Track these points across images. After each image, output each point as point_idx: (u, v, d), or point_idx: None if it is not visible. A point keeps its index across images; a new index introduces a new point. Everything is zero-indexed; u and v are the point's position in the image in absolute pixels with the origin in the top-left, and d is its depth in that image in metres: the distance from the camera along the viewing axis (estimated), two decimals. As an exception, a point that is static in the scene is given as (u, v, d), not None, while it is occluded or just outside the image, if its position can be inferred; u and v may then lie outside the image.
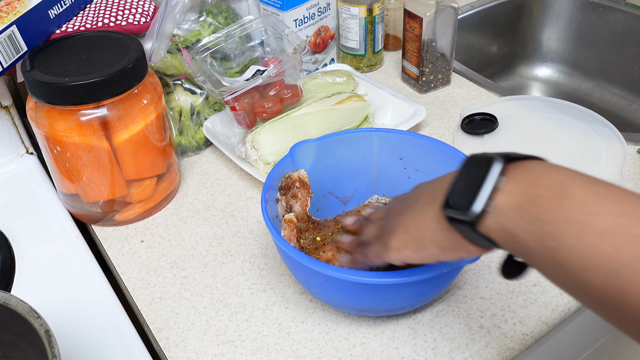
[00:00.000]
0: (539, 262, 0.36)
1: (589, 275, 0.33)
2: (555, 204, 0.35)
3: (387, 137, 0.66)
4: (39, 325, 0.45)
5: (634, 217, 0.32)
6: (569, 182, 0.36)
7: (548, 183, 0.36)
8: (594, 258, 0.32)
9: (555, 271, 0.35)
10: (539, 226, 0.35)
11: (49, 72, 0.64)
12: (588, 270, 0.33)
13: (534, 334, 0.59)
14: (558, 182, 0.36)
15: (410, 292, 0.54)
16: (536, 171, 0.38)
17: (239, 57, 0.83)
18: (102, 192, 0.71)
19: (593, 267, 0.33)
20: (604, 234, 0.32)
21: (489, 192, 0.38)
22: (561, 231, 0.34)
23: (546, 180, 0.36)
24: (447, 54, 0.93)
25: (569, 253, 0.34)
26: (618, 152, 0.79)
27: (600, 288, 0.33)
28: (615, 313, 0.33)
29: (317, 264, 0.51)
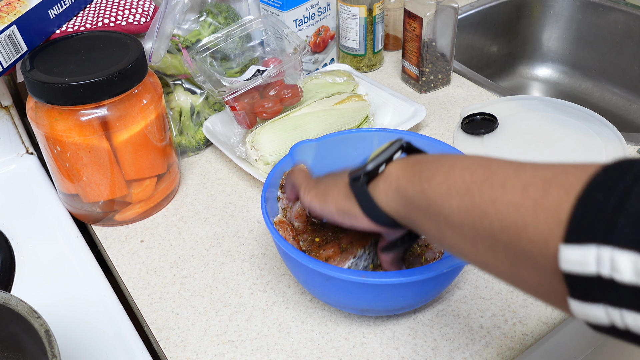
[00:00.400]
0: (415, 209, 0.43)
1: (449, 200, 0.39)
2: (434, 161, 0.44)
3: (387, 137, 0.66)
4: (39, 325, 0.45)
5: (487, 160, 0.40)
6: (444, 156, 0.45)
7: (431, 157, 0.45)
8: (455, 185, 0.39)
9: (427, 212, 0.42)
10: (418, 174, 0.43)
11: (49, 72, 0.64)
12: (449, 196, 0.39)
13: (534, 334, 0.59)
14: (437, 157, 0.45)
15: (411, 292, 0.54)
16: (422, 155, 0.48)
17: (239, 57, 0.83)
18: (102, 192, 0.71)
19: (453, 193, 0.39)
20: (464, 168, 0.40)
21: (384, 158, 0.47)
22: (434, 173, 0.42)
23: (428, 157, 0.46)
24: (447, 54, 0.93)
25: (437, 188, 0.41)
26: (618, 152, 0.79)
27: (456, 209, 0.39)
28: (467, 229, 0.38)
29: (317, 264, 0.51)
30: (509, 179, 0.36)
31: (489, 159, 0.40)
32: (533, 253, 0.33)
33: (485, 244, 0.37)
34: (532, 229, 0.33)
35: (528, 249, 0.33)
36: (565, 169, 0.34)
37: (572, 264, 0.30)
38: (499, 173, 0.37)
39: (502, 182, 0.36)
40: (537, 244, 0.32)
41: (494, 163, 0.39)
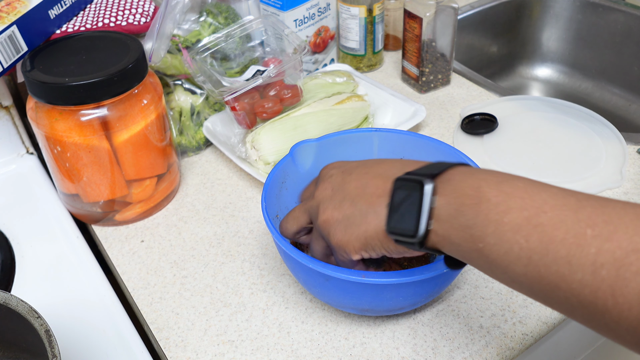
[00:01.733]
0: (476, 262, 0.40)
1: (513, 266, 0.37)
2: (476, 210, 0.39)
3: (387, 137, 0.66)
4: (39, 325, 0.45)
5: (535, 208, 0.37)
6: (483, 186, 0.40)
7: (468, 191, 0.40)
8: (512, 251, 0.37)
9: (490, 268, 0.39)
10: (467, 232, 0.40)
11: (49, 72, 0.64)
12: (510, 262, 0.37)
13: (534, 333, 0.59)
14: (475, 188, 0.40)
15: (411, 292, 0.54)
16: (458, 181, 0.42)
17: (239, 57, 0.84)
18: (102, 192, 0.71)
19: (513, 259, 0.37)
20: (516, 229, 0.37)
21: (427, 214, 0.42)
22: (484, 232, 0.38)
23: (466, 188, 0.41)
24: (447, 54, 0.93)
25: (493, 250, 0.38)
26: (618, 152, 0.79)
27: (523, 276, 0.37)
28: (542, 296, 0.37)
29: (317, 264, 0.51)
30: (572, 252, 0.34)
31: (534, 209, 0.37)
32: (613, 327, 0.33)
33: (560, 306, 0.36)
34: (615, 312, 0.32)
35: (609, 324, 0.33)
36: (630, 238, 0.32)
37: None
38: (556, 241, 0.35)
39: (566, 255, 0.34)
40: (621, 324, 0.32)
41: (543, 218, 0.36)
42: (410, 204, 0.43)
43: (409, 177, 0.44)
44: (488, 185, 0.40)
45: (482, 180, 0.41)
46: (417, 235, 0.42)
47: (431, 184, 0.42)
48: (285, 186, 0.64)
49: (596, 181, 0.75)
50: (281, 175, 0.63)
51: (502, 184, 0.40)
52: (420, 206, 0.42)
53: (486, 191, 0.40)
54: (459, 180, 0.42)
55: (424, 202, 0.42)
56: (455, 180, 0.42)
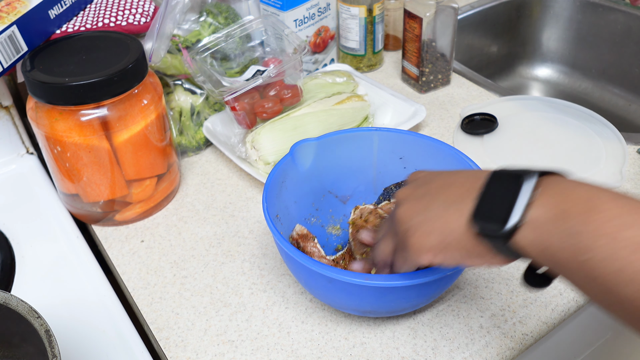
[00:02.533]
0: (572, 275, 0.37)
1: (622, 288, 0.33)
2: (586, 218, 0.35)
3: (387, 137, 0.66)
4: (39, 325, 0.45)
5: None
6: (598, 196, 0.36)
7: (577, 197, 0.37)
8: (627, 271, 0.33)
9: (589, 284, 0.36)
10: (571, 240, 0.36)
11: (49, 72, 0.64)
12: (620, 283, 0.33)
13: (534, 333, 0.59)
14: (587, 196, 0.37)
15: (414, 294, 0.54)
16: (565, 185, 0.38)
17: (239, 57, 0.84)
18: (102, 192, 0.71)
19: (626, 280, 0.33)
20: (635, 247, 0.33)
21: (524, 206, 0.38)
22: (593, 245, 0.34)
23: (575, 194, 0.37)
24: (447, 54, 0.93)
25: (601, 266, 0.34)
26: (618, 152, 0.79)
27: (633, 301, 0.33)
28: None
29: (320, 266, 0.51)
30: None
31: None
32: None
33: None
34: None
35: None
36: None
37: None
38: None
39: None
40: None
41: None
42: (507, 192, 0.39)
43: (508, 170, 0.41)
44: (602, 195, 0.37)
45: (595, 189, 0.37)
46: (506, 227, 0.38)
47: (534, 178, 0.39)
48: (285, 186, 0.64)
49: (596, 181, 0.75)
50: (281, 175, 0.63)
51: (618, 199, 0.36)
52: (517, 195, 0.38)
53: (600, 201, 0.36)
54: (567, 185, 0.38)
55: (522, 191, 0.38)
56: (563, 184, 0.39)
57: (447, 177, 0.46)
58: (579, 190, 0.37)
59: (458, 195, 0.43)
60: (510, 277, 0.64)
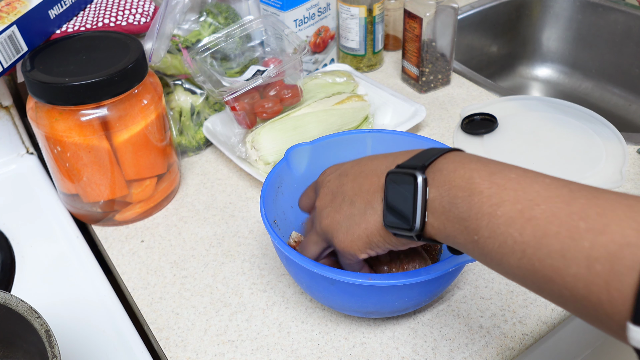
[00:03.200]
0: (472, 253, 0.41)
1: (509, 259, 0.37)
2: (468, 202, 0.39)
3: (381, 138, 0.66)
4: (39, 325, 0.45)
5: (528, 201, 0.36)
6: (475, 177, 0.40)
7: (459, 183, 0.40)
8: (506, 244, 0.37)
9: (485, 260, 0.39)
10: (462, 224, 0.40)
11: (49, 72, 0.64)
12: (507, 255, 0.37)
13: (534, 333, 0.59)
14: (466, 179, 0.40)
15: (416, 292, 0.54)
16: (449, 171, 0.42)
17: (239, 57, 0.84)
18: (102, 192, 0.71)
19: (507, 252, 0.37)
20: (509, 222, 0.37)
21: (422, 206, 0.42)
22: (478, 225, 0.39)
23: (457, 180, 0.41)
24: (447, 54, 0.93)
25: (488, 243, 0.38)
26: (618, 152, 0.79)
27: (521, 269, 0.37)
28: (536, 288, 0.37)
29: (322, 268, 0.51)
30: (566, 245, 0.34)
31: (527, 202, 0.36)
32: (606, 321, 0.33)
33: (554, 299, 0.36)
34: (607, 306, 0.32)
35: (602, 318, 0.33)
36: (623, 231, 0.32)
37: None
38: (550, 234, 0.34)
39: (560, 249, 0.34)
40: (614, 319, 0.32)
41: (537, 210, 0.36)
42: (405, 197, 0.43)
43: (400, 170, 0.45)
44: (480, 176, 0.40)
45: (473, 170, 0.41)
46: (414, 229, 0.43)
47: (422, 176, 0.43)
48: (281, 191, 0.64)
49: (596, 181, 0.75)
50: (277, 180, 0.63)
51: (494, 175, 0.39)
52: (415, 199, 0.42)
53: (478, 183, 0.39)
54: (450, 171, 0.42)
55: (418, 195, 0.42)
56: (446, 170, 0.42)
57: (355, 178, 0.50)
58: (459, 173, 0.41)
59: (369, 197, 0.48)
60: (510, 277, 0.64)
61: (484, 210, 0.38)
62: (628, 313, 0.31)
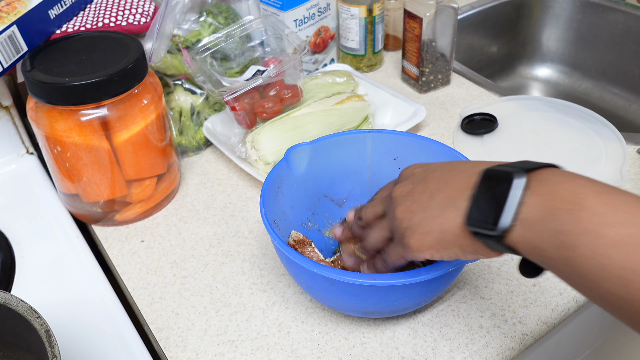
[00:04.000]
0: (559, 270, 0.38)
1: (605, 284, 0.35)
2: (572, 216, 0.37)
3: (380, 138, 0.66)
4: (39, 325, 0.45)
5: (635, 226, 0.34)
6: (584, 192, 0.37)
7: (565, 195, 0.38)
8: (609, 268, 0.34)
9: (575, 279, 0.37)
10: (557, 238, 0.37)
11: (49, 72, 0.64)
12: (603, 279, 0.35)
13: (534, 333, 0.59)
14: (574, 193, 0.38)
15: (416, 292, 0.54)
16: (553, 182, 0.39)
17: (239, 57, 0.84)
18: (102, 192, 0.71)
19: (608, 276, 0.35)
20: (616, 245, 0.34)
21: (515, 208, 0.39)
22: (578, 242, 0.36)
23: (563, 192, 0.38)
24: (447, 54, 0.93)
25: (585, 263, 0.36)
26: (618, 152, 0.79)
27: (615, 295, 0.35)
28: (630, 317, 0.35)
29: (322, 268, 0.51)
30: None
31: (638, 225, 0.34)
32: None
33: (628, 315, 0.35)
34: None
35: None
36: None
37: None
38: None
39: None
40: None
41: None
42: (498, 193, 0.40)
43: (499, 168, 0.42)
44: (589, 191, 0.37)
45: (582, 186, 0.38)
46: (498, 227, 0.40)
47: (524, 178, 0.40)
48: (281, 191, 0.64)
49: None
50: (277, 180, 0.63)
51: (604, 195, 0.37)
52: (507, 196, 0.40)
53: (587, 198, 0.37)
54: (555, 182, 0.39)
55: (511, 193, 0.40)
56: (551, 181, 0.40)
57: (442, 174, 0.47)
58: (566, 186, 0.38)
59: (453, 194, 0.45)
60: (510, 277, 0.64)
61: (589, 228, 0.36)
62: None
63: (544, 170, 0.41)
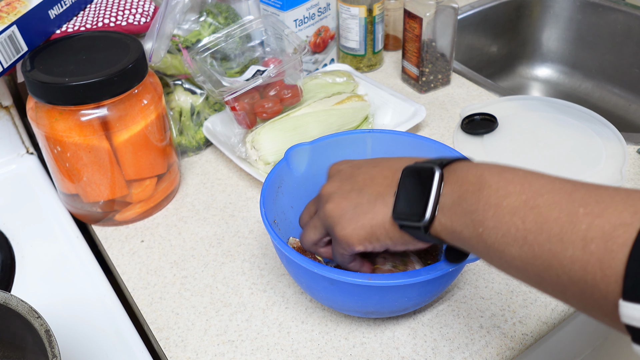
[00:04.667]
0: (475, 249, 0.42)
1: (509, 249, 0.38)
2: (477, 195, 0.41)
3: (380, 138, 0.66)
4: (39, 325, 0.45)
5: (532, 192, 0.38)
6: (486, 174, 0.42)
7: (471, 179, 0.42)
8: (509, 232, 0.38)
9: (488, 253, 0.41)
10: (469, 217, 0.41)
11: (49, 72, 0.64)
12: (507, 244, 0.38)
13: (534, 333, 0.59)
14: (477, 176, 0.42)
15: (416, 292, 0.54)
16: (463, 171, 0.44)
17: (239, 57, 0.84)
18: (102, 192, 0.71)
19: (510, 241, 0.38)
20: (513, 211, 0.38)
21: (435, 199, 0.44)
22: (484, 217, 0.40)
23: (469, 177, 0.42)
24: (447, 54, 0.93)
25: (492, 234, 0.39)
26: (618, 152, 0.79)
27: (518, 258, 0.38)
28: (535, 278, 0.38)
29: (322, 268, 0.51)
30: (564, 229, 0.35)
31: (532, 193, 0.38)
32: (602, 304, 0.34)
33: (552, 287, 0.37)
34: (602, 285, 0.33)
35: (598, 301, 0.34)
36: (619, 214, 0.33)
37: (632, 320, 0.31)
38: (550, 220, 0.36)
39: (558, 233, 0.35)
40: (608, 299, 0.33)
41: (540, 200, 0.37)
42: (419, 189, 0.44)
43: (418, 165, 0.46)
44: (490, 172, 0.42)
45: (484, 169, 0.42)
46: (424, 220, 0.44)
47: (439, 171, 0.44)
48: (281, 191, 0.64)
49: (596, 181, 0.74)
50: (277, 180, 0.63)
51: (503, 172, 0.41)
52: (429, 191, 0.44)
53: (488, 178, 0.41)
54: (463, 170, 0.44)
55: (433, 187, 0.44)
56: (460, 169, 0.44)
57: (368, 170, 0.51)
58: (472, 170, 0.43)
59: (380, 189, 0.48)
60: (511, 277, 0.64)
61: (491, 201, 0.40)
62: (620, 290, 0.32)
63: (458, 162, 0.45)
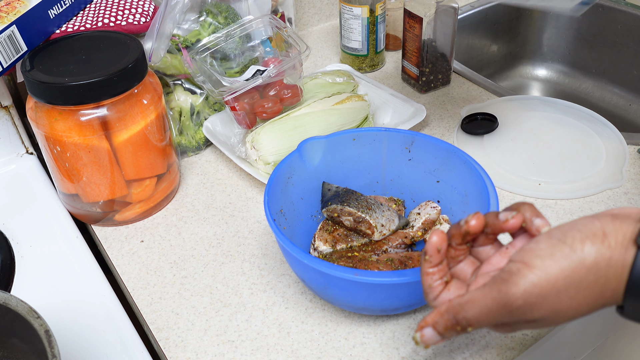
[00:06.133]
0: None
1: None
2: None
3: (397, 138, 0.67)
4: (39, 325, 0.45)
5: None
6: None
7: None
8: None
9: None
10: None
11: (49, 72, 0.64)
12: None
13: (534, 333, 0.59)
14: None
15: (405, 293, 0.54)
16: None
17: (239, 57, 0.83)
18: (102, 192, 0.71)
19: None
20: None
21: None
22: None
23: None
24: (447, 54, 0.93)
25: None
26: (618, 152, 0.79)
27: None
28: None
29: (315, 261, 0.52)
30: None
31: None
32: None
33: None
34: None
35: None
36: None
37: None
38: None
39: None
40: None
41: None
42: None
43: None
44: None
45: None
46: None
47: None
48: (291, 181, 0.64)
49: (596, 181, 0.75)
50: (287, 170, 0.64)
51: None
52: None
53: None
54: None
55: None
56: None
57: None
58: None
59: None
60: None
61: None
62: None
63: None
